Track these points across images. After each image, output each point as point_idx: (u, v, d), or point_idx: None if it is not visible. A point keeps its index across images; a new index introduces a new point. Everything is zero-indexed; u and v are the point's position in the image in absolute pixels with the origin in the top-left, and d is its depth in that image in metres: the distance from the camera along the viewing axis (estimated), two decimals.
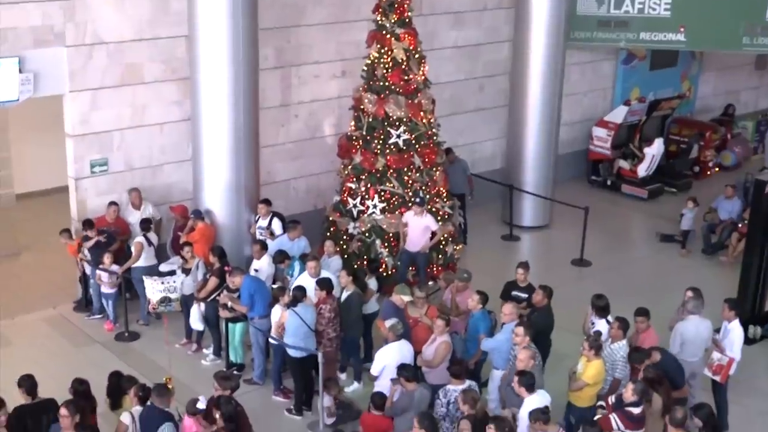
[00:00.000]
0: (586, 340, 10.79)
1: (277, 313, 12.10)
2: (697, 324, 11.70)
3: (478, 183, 18.49)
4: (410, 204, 14.90)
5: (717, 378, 11.67)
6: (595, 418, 9.87)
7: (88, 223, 14.26)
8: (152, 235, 14.45)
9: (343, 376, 12.77)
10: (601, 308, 11.80)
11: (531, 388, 9.94)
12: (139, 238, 14.21)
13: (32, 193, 18.93)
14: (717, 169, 22.80)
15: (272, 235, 14.52)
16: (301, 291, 11.97)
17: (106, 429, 10.08)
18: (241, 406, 10.01)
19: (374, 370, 11.01)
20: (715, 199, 18.43)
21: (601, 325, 11.65)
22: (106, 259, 14.00)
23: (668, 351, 11.12)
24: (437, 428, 9.38)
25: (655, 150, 20.98)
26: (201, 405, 9.76)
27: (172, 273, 13.84)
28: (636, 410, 9.82)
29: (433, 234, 14.86)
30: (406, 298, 12.01)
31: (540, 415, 9.48)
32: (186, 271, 13.56)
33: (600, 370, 10.64)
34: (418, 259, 15.00)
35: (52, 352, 13.70)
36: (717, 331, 11.91)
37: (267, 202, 14.90)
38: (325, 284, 12.17)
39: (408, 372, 10.37)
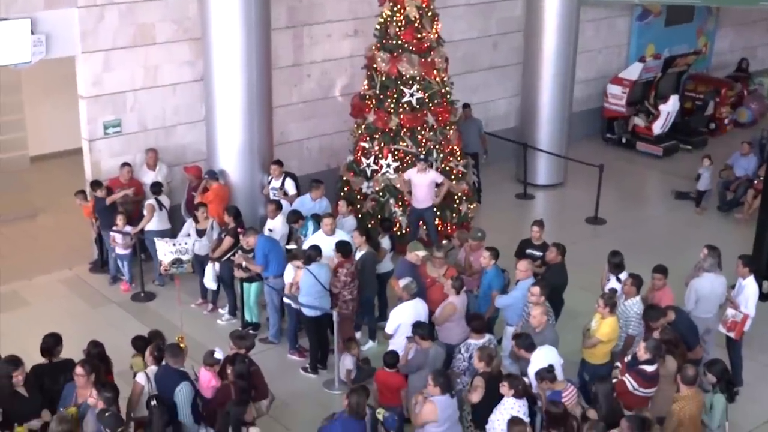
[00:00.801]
0: (601, 297, 10.78)
1: (291, 272, 12.13)
2: (712, 281, 11.68)
3: (492, 142, 18.43)
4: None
5: (731, 334, 11.66)
6: (613, 380, 9.86)
7: (96, 184, 14.30)
8: (164, 198, 14.46)
9: (358, 335, 12.81)
10: (616, 265, 11.79)
11: (531, 348, 9.98)
12: (151, 201, 14.24)
13: (46, 155, 18.99)
14: (733, 125, 22.62)
15: (285, 195, 14.53)
16: (315, 250, 11.99)
17: (122, 389, 10.14)
18: (257, 365, 10.07)
19: (389, 328, 11.05)
20: (731, 156, 18.32)
21: (616, 282, 11.65)
22: (119, 220, 14.05)
23: (683, 311, 11.08)
24: (452, 386, 9.41)
25: (670, 107, 20.83)
26: (218, 355, 9.84)
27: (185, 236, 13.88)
28: (649, 368, 9.82)
29: (440, 188, 14.82)
30: (421, 254, 12.00)
31: (545, 374, 9.51)
32: (200, 232, 13.59)
33: (614, 328, 10.64)
34: (426, 215, 15.02)
35: (70, 312, 13.81)
36: (732, 287, 11.88)
37: (279, 162, 14.89)
38: (342, 248, 12.19)
39: (423, 330, 10.39)
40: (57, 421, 8.17)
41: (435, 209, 15.16)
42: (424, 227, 15.14)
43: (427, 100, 15.16)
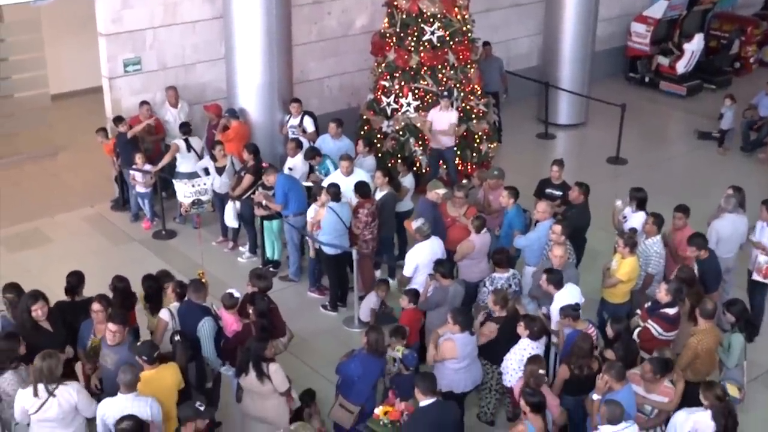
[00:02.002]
0: (621, 237, 10.75)
1: (313, 211, 12.15)
2: (734, 220, 11.61)
3: (513, 81, 18.27)
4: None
5: None
6: (635, 332, 9.86)
7: (118, 119, 14.31)
8: (195, 141, 14.37)
9: (378, 273, 12.86)
10: (641, 200, 11.74)
11: (559, 285, 9.98)
12: (178, 141, 14.19)
13: (67, 93, 19.02)
14: (758, 64, 22.31)
15: (304, 132, 14.50)
16: (336, 188, 12.01)
17: (146, 325, 10.25)
18: (275, 304, 10.13)
19: (407, 271, 11.04)
20: (756, 96, 18.09)
21: (638, 217, 11.59)
22: (138, 159, 14.08)
23: (714, 252, 11.02)
24: (471, 323, 9.46)
25: (694, 46, 20.56)
26: (237, 295, 9.92)
27: (203, 173, 13.88)
28: (671, 311, 9.81)
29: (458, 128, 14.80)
30: (441, 191, 11.97)
31: (570, 311, 9.54)
32: (219, 170, 13.60)
33: (634, 267, 10.63)
34: (446, 155, 14.96)
35: (92, 249, 13.93)
36: (752, 228, 11.79)
37: (298, 101, 14.83)
38: (361, 189, 12.17)
39: (444, 268, 10.42)
40: (41, 357, 8.23)
41: (455, 149, 15.09)
42: (444, 167, 15.09)
43: (447, 38, 15.01)
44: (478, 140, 15.53)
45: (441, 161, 15.07)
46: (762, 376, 11.11)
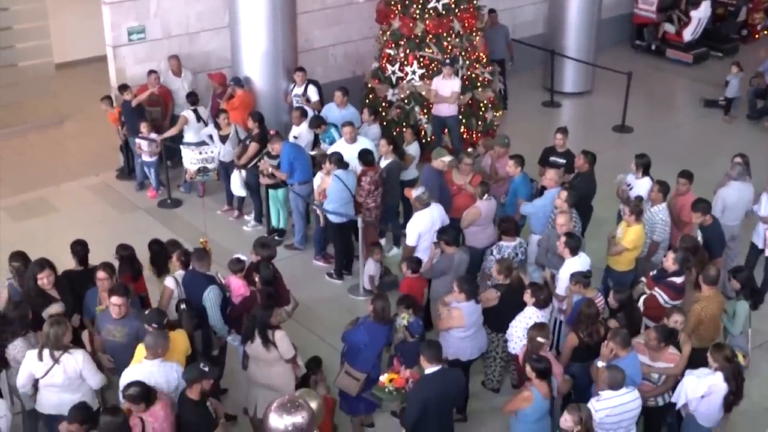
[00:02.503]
0: (627, 205, 10.73)
1: (319, 179, 12.15)
2: (740, 188, 11.60)
3: (519, 48, 18.19)
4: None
5: None
6: (641, 300, 9.87)
7: (123, 87, 14.27)
8: (202, 110, 14.34)
9: (382, 241, 12.87)
10: (646, 166, 11.72)
11: (575, 251, 9.96)
12: (186, 112, 14.13)
13: (71, 62, 19.02)
14: (765, 32, 22.17)
15: (308, 101, 14.47)
16: (339, 155, 12.01)
17: (151, 293, 10.28)
18: (279, 272, 10.15)
19: (410, 240, 10.99)
20: (762, 63, 17.99)
21: (643, 183, 11.57)
22: (144, 127, 14.06)
23: (717, 219, 11.00)
24: (477, 292, 9.47)
25: (701, 13, 20.43)
26: (243, 258, 9.95)
27: (209, 140, 13.86)
28: (678, 280, 9.81)
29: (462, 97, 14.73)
30: (447, 159, 11.95)
31: (581, 279, 9.54)
32: (223, 138, 13.58)
33: (640, 235, 10.62)
34: (449, 122, 14.92)
35: (97, 218, 13.95)
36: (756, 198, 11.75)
37: (303, 70, 14.77)
38: (364, 157, 12.16)
39: (448, 235, 10.42)
40: (49, 323, 8.27)
41: (460, 117, 15.04)
42: (448, 135, 15.06)
43: (453, 6, 14.92)
44: (483, 108, 15.48)
45: (444, 129, 15.02)
46: (766, 343, 11.13)
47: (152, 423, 7.69)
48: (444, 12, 14.90)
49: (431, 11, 14.86)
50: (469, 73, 15.24)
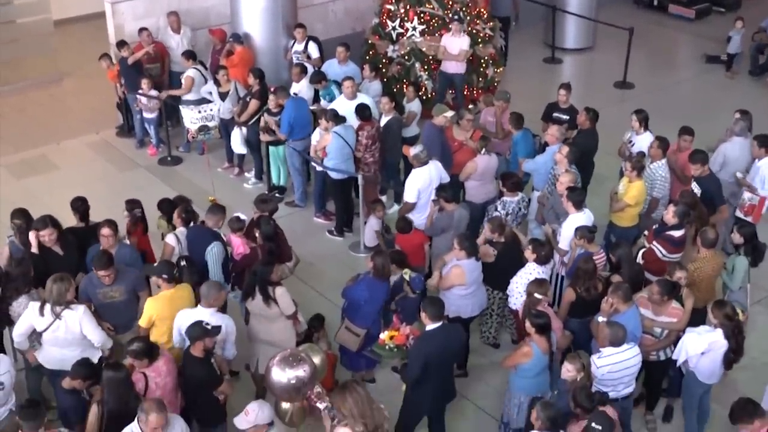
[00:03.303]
0: (629, 161, 10.72)
1: (317, 136, 12.12)
2: (742, 145, 11.57)
3: (520, 4, 18.06)
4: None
5: (749, 219, 11.46)
6: (639, 254, 9.88)
7: (121, 44, 14.20)
8: (201, 67, 14.25)
9: (383, 198, 12.86)
10: (645, 119, 11.70)
11: (579, 205, 9.96)
12: (191, 72, 13.98)
13: (70, 19, 18.87)
14: None
15: (309, 58, 14.39)
16: (334, 112, 11.96)
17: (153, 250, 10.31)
18: (281, 228, 10.17)
19: (409, 197, 10.96)
20: (765, 19, 17.86)
21: (644, 138, 11.55)
22: (144, 84, 14.00)
23: (711, 170, 11.00)
24: (477, 249, 9.48)
25: None
26: (243, 217, 9.97)
27: (208, 96, 13.80)
28: (677, 233, 9.83)
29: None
30: (449, 114, 11.93)
31: (587, 233, 9.55)
32: (222, 95, 13.53)
33: (641, 191, 10.61)
34: (456, 80, 14.85)
35: (98, 176, 13.95)
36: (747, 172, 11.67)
37: (303, 26, 14.68)
38: (361, 111, 12.11)
39: (447, 192, 10.42)
40: (53, 279, 8.27)
41: (464, 74, 14.96)
42: (452, 92, 15.00)
43: None
44: (484, 65, 15.40)
45: (450, 88, 14.95)
46: (766, 299, 11.18)
47: (155, 378, 7.75)
48: None
49: None
50: (469, 29, 15.14)
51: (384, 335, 8.79)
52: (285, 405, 7.66)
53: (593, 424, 6.98)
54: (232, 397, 8.43)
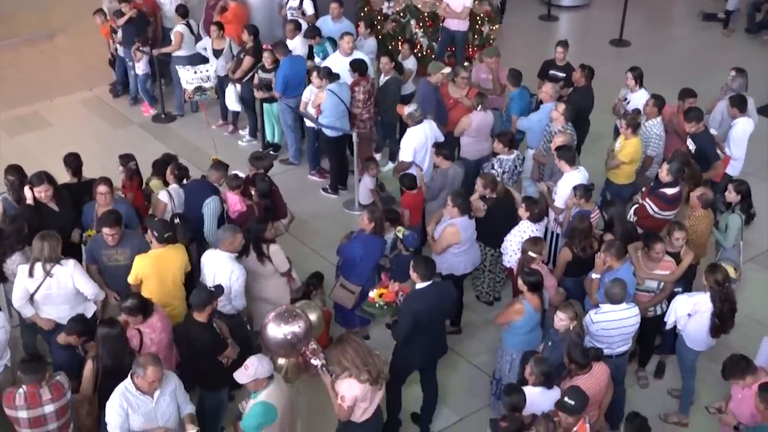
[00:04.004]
0: (624, 118, 10.69)
1: (308, 93, 12.04)
2: None
3: None
4: None
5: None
6: (631, 211, 9.89)
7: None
8: (193, 24, 14.15)
9: (378, 156, 12.85)
10: (640, 76, 11.64)
11: (571, 162, 9.96)
12: (180, 27, 13.89)
13: None
14: None
15: (303, 15, 14.28)
16: (327, 69, 11.87)
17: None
18: (276, 185, 10.16)
19: (405, 156, 10.92)
20: None
21: (640, 96, 11.51)
22: (137, 41, 13.89)
23: (705, 127, 10.97)
24: (470, 207, 9.47)
25: None
26: (240, 175, 9.97)
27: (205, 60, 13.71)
28: (670, 191, 9.83)
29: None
30: (446, 71, 11.88)
31: (584, 192, 9.57)
32: (216, 53, 13.44)
33: (637, 149, 10.59)
34: (458, 37, 14.77)
35: (91, 133, 13.90)
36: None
37: None
38: (358, 66, 12.04)
39: (445, 150, 10.40)
40: (40, 237, 8.25)
41: (466, 32, 14.87)
42: (451, 51, 14.91)
43: None
44: (479, 22, 15.30)
45: (451, 45, 14.86)
46: (758, 256, 11.23)
47: (150, 334, 7.77)
48: None
49: None
50: None
51: (373, 293, 8.72)
52: (280, 361, 7.70)
53: (566, 399, 6.94)
54: None
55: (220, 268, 8.46)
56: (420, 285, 8.14)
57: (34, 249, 8.24)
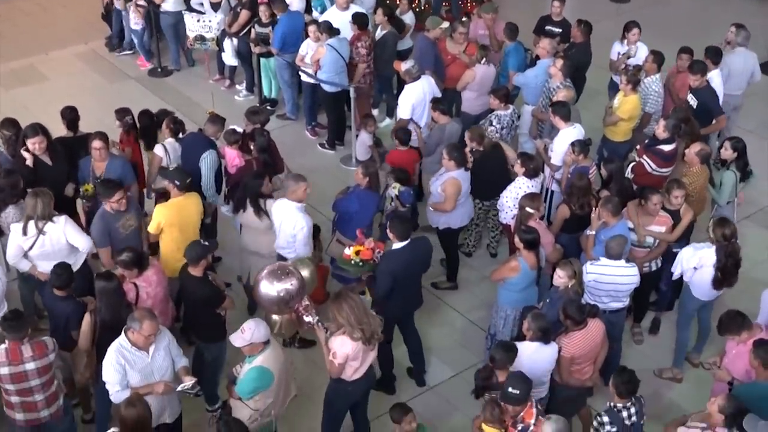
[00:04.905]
0: (625, 74, 10.63)
1: (305, 47, 11.96)
2: (745, 56, 11.53)
3: None
4: None
5: None
6: (628, 168, 9.86)
7: None
8: None
9: (375, 112, 12.80)
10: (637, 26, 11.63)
11: (567, 118, 9.92)
12: None
13: None
14: None
15: None
16: (328, 23, 11.78)
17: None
18: (273, 141, 10.12)
19: (403, 113, 10.88)
20: None
21: (641, 50, 11.48)
22: None
23: (708, 83, 10.93)
24: (465, 159, 9.46)
25: None
26: (239, 130, 9.93)
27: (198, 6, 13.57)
28: (667, 148, 9.81)
29: None
30: (444, 26, 11.80)
31: (582, 148, 9.55)
32: (214, 6, 13.33)
33: (636, 105, 10.55)
34: None
35: (87, 87, 13.82)
36: None
37: None
38: (359, 20, 11.94)
39: (442, 105, 10.35)
40: (32, 195, 8.25)
41: None
42: (446, 4, 14.77)
43: None
44: None
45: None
46: (755, 214, 11.24)
47: (146, 288, 7.79)
48: None
49: None
50: None
51: (349, 251, 8.55)
52: (274, 317, 7.72)
53: (509, 389, 6.76)
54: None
55: (286, 216, 8.56)
56: (397, 245, 8.16)
57: (28, 206, 8.24)
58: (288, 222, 8.54)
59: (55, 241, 8.28)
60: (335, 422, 7.74)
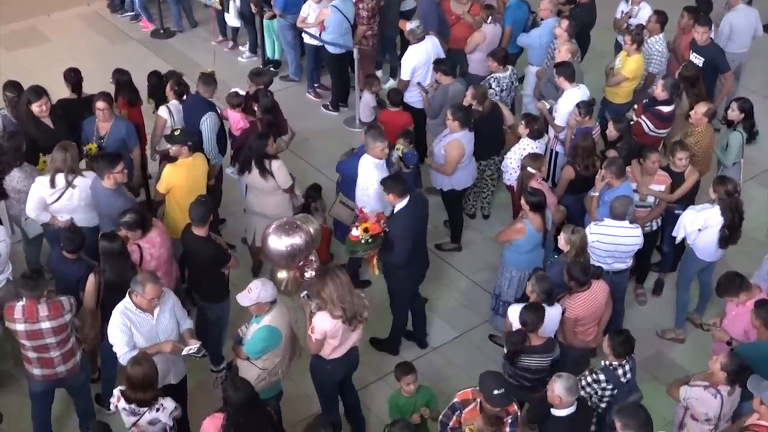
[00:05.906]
0: (628, 33, 10.56)
1: (307, 9, 11.87)
2: (746, 12, 11.47)
3: None
4: None
5: None
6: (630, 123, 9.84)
7: None
8: None
9: (379, 73, 12.74)
10: None
11: (571, 79, 9.86)
12: None
13: None
14: None
15: None
16: None
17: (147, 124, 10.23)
18: (276, 102, 10.08)
19: (405, 74, 10.80)
20: None
21: (643, 11, 11.40)
22: None
23: (713, 40, 10.85)
24: (470, 120, 9.40)
25: None
26: (242, 92, 9.89)
27: None
28: (666, 109, 9.77)
29: None
30: None
31: (587, 108, 9.51)
32: None
33: (639, 65, 10.49)
34: None
35: (89, 48, 13.75)
36: None
37: None
38: None
39: (445, 65, 10.30)
40: (61, 148, 8.26)
41: None
42: None
43: None
44: None
45: None
46: (760, 175, 11.21)
47: (149, 249, 7.80)
48: None
49: None
50: None
51: (357, 231, 8.23)
52: (281, 274, 7.74)
53: (494, 392, 6.30)
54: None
55: (364, 171, 8.68)
56: (400, 204, 8.14)
57: (56, 160, 8.27)
58: (364, 177, 8.66)
59: (83, 195, 8.34)
60: (327, 399, 7.70)
